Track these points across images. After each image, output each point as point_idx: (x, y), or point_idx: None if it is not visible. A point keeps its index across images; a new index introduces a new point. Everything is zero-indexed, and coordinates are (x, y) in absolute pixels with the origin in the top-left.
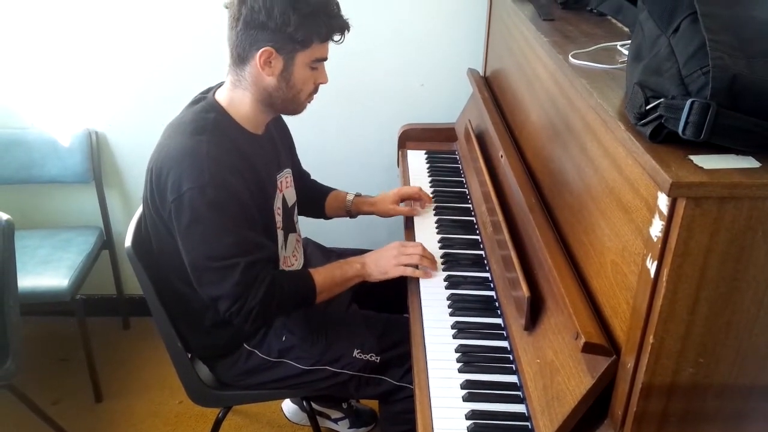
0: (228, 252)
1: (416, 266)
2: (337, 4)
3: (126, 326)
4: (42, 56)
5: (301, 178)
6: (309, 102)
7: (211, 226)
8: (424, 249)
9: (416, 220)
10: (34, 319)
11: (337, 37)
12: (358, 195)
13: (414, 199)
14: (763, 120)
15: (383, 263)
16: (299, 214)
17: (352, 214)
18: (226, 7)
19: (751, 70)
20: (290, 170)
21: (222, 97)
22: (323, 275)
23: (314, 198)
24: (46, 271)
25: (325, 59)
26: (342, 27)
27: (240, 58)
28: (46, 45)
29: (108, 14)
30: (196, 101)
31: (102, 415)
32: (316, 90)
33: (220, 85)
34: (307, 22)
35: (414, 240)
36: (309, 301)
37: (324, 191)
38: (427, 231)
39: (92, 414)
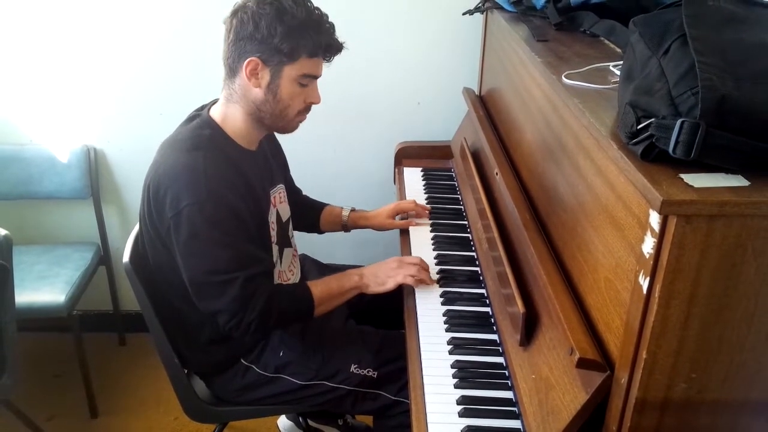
0: (227, 266)
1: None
2: (331, 25)
3: (122, 342)
4: (41, 72)
5: (294, 193)
6: (300, 121)
7: (209, 241)
8: (422, 261)
9: (412, 236)
10: (30, 335)
11: (326, 55)
12: (353, 210)
13: (411, 212)
14: (751, 139)
15: (381, 275)
16: (294, 228)
17: (347, 228)
18: (224, 23)
19: (739, 91)
20: (283, 186)
21: (216, 113)
22: (321, 287)
23: (308, 212)
24: (43, 286)
25: (317, 77)
26: (330, 44)
27: (231, 71)
28: (45, 61)
29: (107, 31)
30: (191, 118)
31: (97, 431)
32: (307, 109)
33: (214, 102)
34: (293, 34)
35: (410, 256)
36: (308, 314)
37: (318, 206)
38: (424, 247)
39: (87, 430)
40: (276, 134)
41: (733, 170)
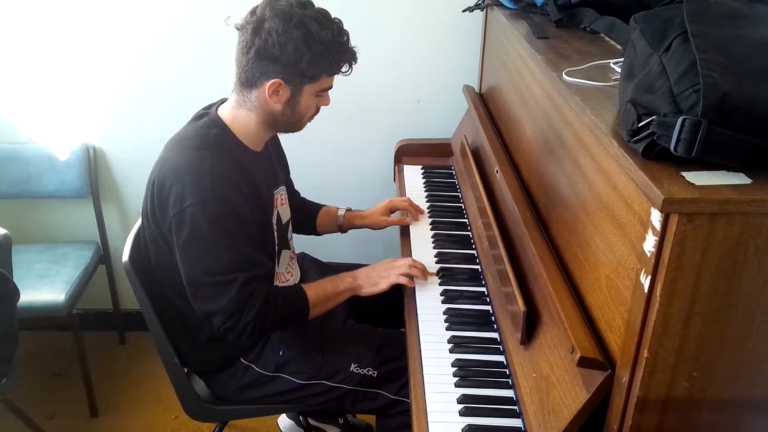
0: (226, 268)
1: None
2: (347, 34)
3: (122, 341)
4: (40, 71)
5: (292, 196)
6: (309, 122)
7: (210, 242)
8: (413, 260)
9: (413, 234)
10: (30, 334)
11: (345, 69)
12: (348, 209)
13: (404, 210)
14: (753, 137)
15: (374, 276)
16: (292, 231)
17: (343, 229)
18: (237, 29)
19: (741, 89)
20: (285, 188)
21: (225, 113)
22: (315, 290)
23: (305, 215)
24: (43, 285)
25: (331, 87)
26: (350, 59)
27: (248, 83)
28: (44, 60)
29: (106, 29)
30: (198, 116)
31: (97, 430)
32: (317, 112)
33: (222, 101)
34: (318, 59)
35: (410, 254)
36: (303, 316)
37: (314, 208)
38: (424, 245)
39: (87, 429)
40: (278, 135)
41: (735, 168)
